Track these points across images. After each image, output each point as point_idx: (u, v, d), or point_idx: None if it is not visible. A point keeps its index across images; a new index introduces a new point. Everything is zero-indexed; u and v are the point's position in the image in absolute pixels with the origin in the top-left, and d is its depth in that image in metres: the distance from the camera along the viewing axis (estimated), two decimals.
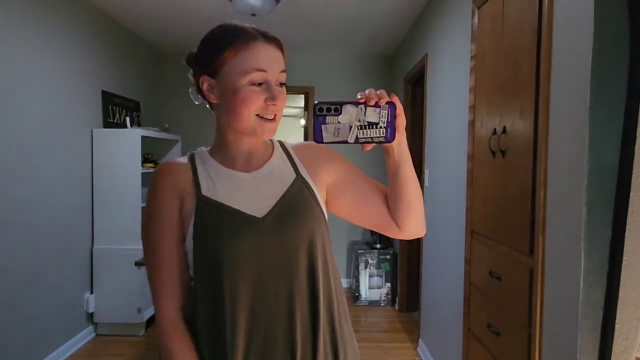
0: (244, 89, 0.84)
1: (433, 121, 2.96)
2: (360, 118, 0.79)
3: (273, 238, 0.86)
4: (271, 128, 0.87)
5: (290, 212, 0.88)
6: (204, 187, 0.88)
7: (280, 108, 0.88)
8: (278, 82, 0.87)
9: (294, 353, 0.84)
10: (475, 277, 2.04)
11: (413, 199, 0.91)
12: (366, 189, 0.97)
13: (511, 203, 1.63)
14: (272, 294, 0.85)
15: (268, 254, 0.85)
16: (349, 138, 0.79)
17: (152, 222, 0.89)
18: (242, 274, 0.84)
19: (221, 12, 3.31)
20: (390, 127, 0.81)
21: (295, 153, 0.99)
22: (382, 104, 0.79)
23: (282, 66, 0.88)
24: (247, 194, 0.89)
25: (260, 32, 0.88)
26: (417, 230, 0.97)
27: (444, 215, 2.64)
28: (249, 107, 0.84)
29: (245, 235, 0.84)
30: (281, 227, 0.87)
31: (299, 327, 0.85)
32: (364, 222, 0.99)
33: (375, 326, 3.74)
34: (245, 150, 0.93)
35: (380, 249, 4.25)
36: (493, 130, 1.83)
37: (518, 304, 1.57)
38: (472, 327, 2.08)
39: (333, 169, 0.97)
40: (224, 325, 0.83)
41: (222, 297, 0.83)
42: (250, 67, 0.84)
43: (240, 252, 0.84)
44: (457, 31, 2.42)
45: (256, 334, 0.84)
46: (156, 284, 0.88)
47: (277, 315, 0.84)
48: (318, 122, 0.79)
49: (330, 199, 0.98)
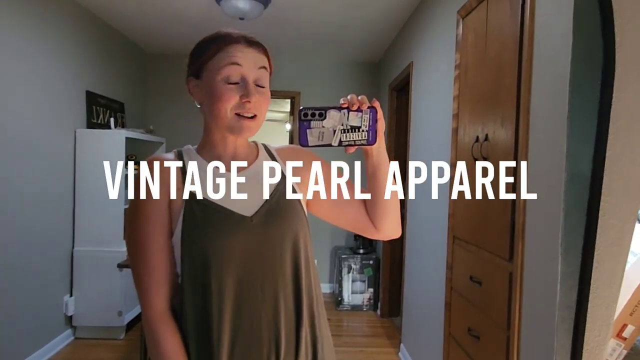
0: (220, 85, 0.87)
1: (417, 128, 3.00)
2: (343, 122, 0.83)
3: (260, 237, 0.88)
4: (250, 126, 0.89)
5: (276, 212, 0.91)
6: (192, 184, 0.90)
7: (258, 107, 0.90)
8: (257, 82, 0.90)
9: (279, 347, 0.86)
10: (456, 282, 2.08)
11: (391, 200, 0.96)
12: (344, 191, 1.01)
13: (492, 209, 1.67)
14: (258, 290, 0.87)
15: (255, 252, 0.88)
16: (333, 141, 0.83)
17: (140, 214, 0.89)
18: (229, 271, 0.85)
19: (209, 15, 3.32)
20: (372, 130, 0.85)
21: (279, 155, 1.02)
22: (364, 109, 0.84)
23: (260, 64, 0.90)
24: (234, 192, 0.91)
25: (243, 36, 0.91)
26: (392, 230, 1.01)
27: (427, 221, 2.68)
28: (224, 104, 0.87)
29: (234, 234, 0.87)
30: (269, 226, 0.89)
31: (283, 322, 0.88)
32: (342, 223, 1.03)
33: (357, 331, 3.76)
34: (230, 150, 0.96)
35: (364, 254, 4.28)
36: (476, 137, 1.87)
37: (497, 307, 1.61)
38: (453, 332, 2.11)
39: (312, 171, 1.01)
40: (211, 320, 0.84)
41: (210, 293, 0.85)
42: (225, 63, 0.87)
43: (228, 250, 0.86)
44: (442, 40, 2.47)
45: (241, 329, 0.86)
46: (144, 275, 0.88)
47: (262, 311, 0.87)
48: (303, 126, 0.83)
49: (311, 200, 1.02)
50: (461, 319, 2.00)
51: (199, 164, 0.93)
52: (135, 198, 0.90)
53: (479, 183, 1.80)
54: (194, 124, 4.57)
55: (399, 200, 0.98)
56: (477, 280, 1.80)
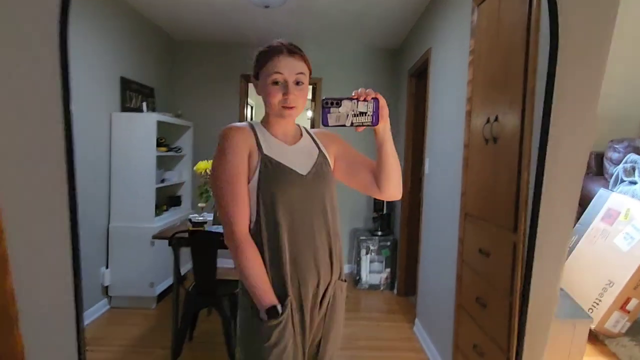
0: (269, 87, 1.25)
1: (434, 113, 3.11)
2: (354, 109, 1.18)
3: (310, 188, 1.29)
4: (291, 114, 1.28)
5: (319, 174, 1.33)
6: (264, 148, 1.28)
7: (297, 100, 1.26)
8: (295, 82, 1.25)
9: (317, 255, 1.29)
10: (466, 256, 2.21)
11: (392, 168, 1.31)
12: (357, 162, 1.41)
13: (500, 185, 1.80)
14: (307, 222, 1.28)
15: (306, 197, 1.29)
16: (347, 122, 1.19)
17: (228, 164, 1.24)
18: (290, 209, 1.25)
19: (235, 3, 3.46)
20: (375, 115, 1.19)
21: (316, 136, 1.43)
22: (369, 99, 1.19)
23: (298, 69, 1.26)
24: (292, 158, 1.30)
25: (287, 47, 1.27)
26: (393, 192, 1.37)
27: (442, 200, 2.80)
28: (272, 100, 1.25)
29: (295, 185, 1.27)
30: (316, 181, 1.31)
31: (318, 237, 1.30)
32: (354, 184, 1.41)
33: (374, 308, 3.92)
34: (281, 129, 1.34)
35: (381, 236, 4.42)
36: (487, 119, 1.99)
37: (502, 276, 1.74)
38: (463, 302, 2.25)
39: (337, 147, 1.43)
40: (279, 240, 1.25)
41: (277, 224, 1.24)
42: (271, 72, 1.24)
43: (290, 196, 1.25)
44: (459, 27, 2.57)
45: (297, 246, 1.27)
46: (233, 208, 1.24)
47: (309, 235, 1.28)
48: (325, 111, 1.18)
49: (334, 166, 1.41)
50: (470, 289, 2.14)
51: (266, 135, 1.32)
52: (224, 154, 1.25)
53: (489, 161, 1.92)
54: (219, 108, 4.75)
55: (399, 168, 1.34)
56: (485, 252, 1.94)
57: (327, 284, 1.33)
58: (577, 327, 1.70)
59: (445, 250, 2.65)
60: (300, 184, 1.28)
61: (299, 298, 1.28)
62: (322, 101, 1.17)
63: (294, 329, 1.28)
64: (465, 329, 2.21)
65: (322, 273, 1.30)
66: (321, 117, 1.18)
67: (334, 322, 1.37)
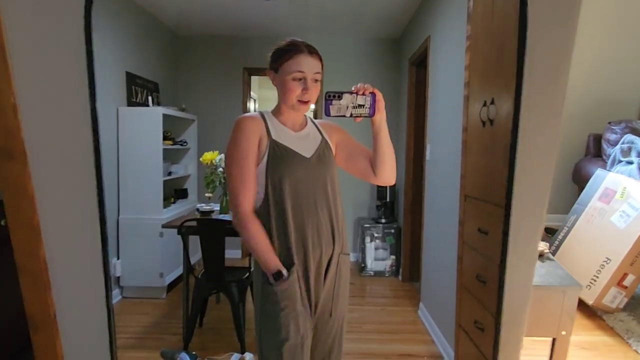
0: (289, 82, 1.39)
1: (434, 99, 3.17)
2: (353, 101, 1.32)
3: (314, 170, 1.44)
4: (305, 108, 1.43)
5: (322, 158, 1.48)
6: (273, 134, 1.43)
7: (312, 95, 1.41)
8: (313, 80, 1.40)
9: (320, 229, 1.43)
10: (467, 236, 2.28)
11: (386, 154, 1.46)
12: (356, 150, 1.57)
13: (496, 165, 1.86)
14: (311, 201, 1.43)
15: (311, 178, 1.43)
16: (347, 113, 1.34)
17: (239, 148, 1.40)
18: (296, 189, 1.40)
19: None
20: (372, 107, 1.34)
21: (320, 125, 1.58)
22: (367, 93, 1.33)
23: (316, 69, 1.41)
24: (298, 144, 1.45)
25: (307, 46, 1.41)
26: (388, 176, 1.50)
27: (443, 185, 2.87)
28: (291, 94, 1.39)
29: (300, 166, 1.42)
30: (318, 164, 1.46)
31: (320, 213, 1.44)
32: (352, 169, 1.57)
33: (379, 294, 4.00)
34: (292, 118, 1.50)
35: (385, 224, 4.49)
36: (483, 102, 2.05)
37: (498, 251, 1.80)
38: (464, 282, 2.32)
39: (338, 136, 1.58)
40: (286, 217, 1.39)
41: (284, 202, 1.39)
42: (294, 69, 1.38)
43: (296, 176, 1.40)
44: (456, 13, 2.62)
45: (302, 224, 1.41)
46: (239, 188, 1.40)
47: (313, 212, 1.42)
48: (327, 103, 1.33)
49: (335, 153, 1.56)
50: (471, 268, 2.21)
51: (275, 123, 1.47)
52: (237, 139, 1.41)
53: (486, 143, 1.99)
54: (223, 101, 4.83)
55: (393, 155, 1.48)
56: (484, 231, 2.00)
57: (330, 256, 1.47)
58: (566, 293, 1.78)
59: (447, 234, 2.72)
60: (305, 165, 1.42)
61: (305, 267, 1.42)
62: (325, 94, 1.32)
63: (302, 293, 1.42)
64: (467, 307, 2.28)
65: (324, 245, 1.44)
66: (324, 108, 1.32)
67: (340, 293, 1.53)
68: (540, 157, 1.37)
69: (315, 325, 1.50)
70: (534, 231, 1.46)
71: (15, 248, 1.10)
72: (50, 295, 1.11)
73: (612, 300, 2.69)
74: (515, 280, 1.46)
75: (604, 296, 2.68)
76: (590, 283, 2.71)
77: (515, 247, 1.45)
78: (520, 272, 1.46)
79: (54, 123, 1.14)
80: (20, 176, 1.05)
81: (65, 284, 1.16)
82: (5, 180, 1.07)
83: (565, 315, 1.74)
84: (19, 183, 1.06)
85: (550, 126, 1.31)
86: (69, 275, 1.17)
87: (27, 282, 1.11)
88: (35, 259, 1.09)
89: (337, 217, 1.49)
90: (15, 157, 1.04)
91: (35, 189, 1.08)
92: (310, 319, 1.46)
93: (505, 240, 1.42)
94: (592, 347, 2.53)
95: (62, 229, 1.15)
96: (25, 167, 1.04)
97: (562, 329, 1.79)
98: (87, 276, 1.23)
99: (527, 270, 1.47)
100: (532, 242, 1.45)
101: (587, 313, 2.90)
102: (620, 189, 2.76)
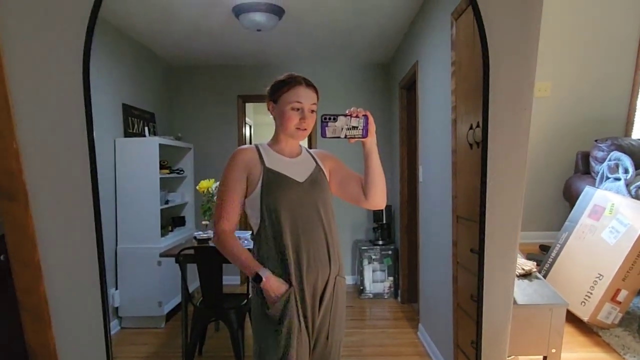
0: (288, 111, 1.51)
1: (425, 122, 3.24)
2: (347, 124, 1.41)
3: (307, 194, 1.53)
4: (303, 135, 1.56)
5: (315, 182, 1.57)
6: (267, 162, 1.53)
7: (309, 124, 1.53)
8: (310, 110, 1.52)
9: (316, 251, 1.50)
10: (460, 257, 2.31)
11: (377, 176, 1.54)
12: (348, 176, 1.66)
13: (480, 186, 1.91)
14: (305, 222, 1.50)
15: (304, 201, 1.51)
16: (341, 135, 1.43)
17: (226, 176, 1.52)
18: (290, 212, 1.48)
19: (229, 28, 3.61)
20: (365, 129, 1.44)
21: (314, 153, 1.69)
22: (360, 116, 1.43)
23: (313, 100, 1.54)
24: (291, 169, 1.54)
25: (304, 80, 1.54)
26: (378, 201, 1.59)
27: (436, 206, 2.91)
28: (290, 123, 1.51)
29: (294, 190, 1.51)
30: (312, 188, 1.55)
31: (316, 236, 1.52)
32: (345, 195, 1.66)
33: (379, 316, 4.00)
34: (289, 146, 1.60)
35: (383, 245, 4.51)
36: (470, 125, 2.11)
37: None
38: (460, 302, 2.34)
39: (331, 163, 1.68)
40: (282, 239, 1.47)
41: (280, 225, 1.47)
42: (292, 99, 1.50)
43: (289, 200, 1.49)
44: (441, 40, 2.71)
45: (298, 245, 1.48)
46: (221, 211, 1.51)
47: (308, 236, 1.49)
48: (323, 125, 1.43)
49: (329, 180, 1.65)
50: (466, 288, 2.23)
51: (270, 152, 1.57)
52: (227, 170, 1.52)
53: (474, 164, 2.04)
54: (218, 129, 4.88)
55: (383, 178, 1.56)
56: (475, 251, 2.04)
57: (327, 279, 1.54)
58: (554, 311, 1.80)
59: (442, 254, 2.74)
60: (298, 189, 1.52)
61: (301, 289, 1.49)
62: (321, 117, 1.43)
63: (299, 316, 1.48)
64: (463, 327, 2.30)
65: (321, 268, 1.52)
66: (320, 129, 1.42)
67: (337, 316, 1.58)
68: (510, 178, 1.47)
69: (312, 349, 1.52)
70: (509, 247, 1.54)
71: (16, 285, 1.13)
72: (50, 330, 1.14)
73: (607, 316, 2.70)
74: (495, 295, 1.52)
75: (598, 312, 2.69)
76: (585, 299, 2.73)
77: (492, 262, 1.53)
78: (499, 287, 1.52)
79: (53, 163, 1.19)
80: (21, 216, 1.09)
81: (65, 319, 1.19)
82: (6, 221, 1.12)
83: (554, 332, 1.76)
84: (20, 223, 1.10)
85: (519, 150, 1.40)
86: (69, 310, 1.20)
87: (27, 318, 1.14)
88: (36, 295, 1.13)
89: (332, 240, 1.56)
90: (16, 198, 1.09)
91: (35, 228, 1.12)
92: (307, 342, 1.48)
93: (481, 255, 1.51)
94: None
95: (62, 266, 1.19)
96: (27, 208, 1.09)
97: (552, 347, 1.81)
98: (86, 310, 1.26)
99: (505, 286, 1.55)
100: (508, 257, 1.53)
101: (583, 330, 2.90)
102: (609, 205, 2.81)
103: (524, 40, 1.30)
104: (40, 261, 1.17)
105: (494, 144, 1.39)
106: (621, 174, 3.05)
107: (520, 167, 1.38)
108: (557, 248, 3.13)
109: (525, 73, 1.35)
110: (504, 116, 1.37)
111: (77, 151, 1.21)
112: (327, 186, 1.61)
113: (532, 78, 1.37)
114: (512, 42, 1.33)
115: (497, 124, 1.39)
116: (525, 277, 2.21)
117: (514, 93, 1.35)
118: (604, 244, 2.72)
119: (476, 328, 1.50)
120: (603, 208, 2.83)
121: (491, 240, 1.49)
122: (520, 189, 1.39)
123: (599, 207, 2.89)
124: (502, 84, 1.38)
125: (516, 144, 1.38)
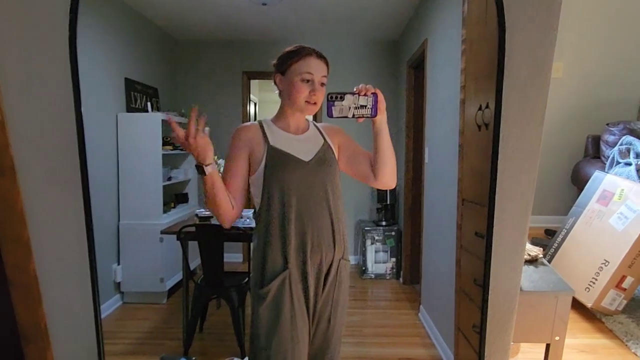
0: (298, 83, 1.40)
1: (432, 102, 3.17)
2: (355, 102, 1.33)
3: (312, 173, 1.44)
4: (312, 109, 1.44)
5: (322, 160, 1.48)
6: (271, 140, 1.44)
7: (319, 98, 1.42)
8: (320, 82, 1.42)
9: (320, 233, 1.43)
10: (464, 240, 2.28)
11: (387, 155, 1.46)
12: (357, 153, 1.57)
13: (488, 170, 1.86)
14: (310, 204, 1.42)
15: (309, 182, 1.43)
16: (349, 114, 1.34)
17: (229, 157, 1.45)
18: (294, 192, 1.40)
19: (234, 1, 3.53)
20: (374, 108, 1.34)
21: (322, 128, 1.59)
22: (369, 94, 1.33)
23: (323, 72, 1.44)
24: (297, 147, 1.46)
25: (315, 51, 1.44)
26: (388, 180, 1.50)
27: (441, 188, 2.87)
28: (300, 95, 1.40)
29: (299, 170, 1.42)
30: (318, 168, 1.46)
31: (321, 218, 1.44)
32: (354, 172, 1.56)
33: (380, 297, 4.00)
34: (295, 122, 1.51)
35: (386, 226, 4.49)
36: (479, 106, 2.05)
37: None
38: (463, 285, 2.32)
39: (340, 139, 1.58)
40: (286, 219, 1.40)
41: (284, 205, 1.40)
42: (303, 70, 1.40)
43: (294, 180, 1.41)
44: (452, 17, 2.62)
45: (302, 225, 1.41)
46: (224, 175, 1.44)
47: (313, 216, 1.42)
48: (329, 104, 1.34)
49: (337, 156, 1.55)
50: (469, 272, 2.20)
51: (274, 129, 1.49)
52: (230, 146, 1.45)
53: (481, 146, 1.99)
54: (222, 105, 4.84)
55: (394, 157, 1.48)
56: (480, 235, 2.00)
57: (331, 261, 1.47)
58: (559, 298, 1.77)
59: (446, 237, 2.72)
60: (303, 169, 1.43)
61: (303, 272, 1.43)
62: (327, 95, 1.33)
63: (293, 298, 1.42)
64: (465, 311, 2.28)
65: (325, 250, 1.45)
66: (326, 109, 1.33)
67: (339, 299, 1.53)
68: (523, 161, 1.39)
69: (313, 332, 1.50)
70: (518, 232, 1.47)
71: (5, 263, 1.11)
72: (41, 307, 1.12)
73: (611, 302, 2.68)
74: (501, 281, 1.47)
75: (602, 299, 2.67)
76: (589, 285, 2.70)
77: (500, 247, 1.46)
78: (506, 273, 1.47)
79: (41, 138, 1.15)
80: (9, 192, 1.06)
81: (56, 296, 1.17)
82: None
83: (558, 320, 1.74)
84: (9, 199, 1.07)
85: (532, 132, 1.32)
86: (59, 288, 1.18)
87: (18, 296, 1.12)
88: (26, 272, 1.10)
89: (339, 222, 1.48)
90: (4, 174, 1.05)
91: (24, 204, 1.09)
92: (308, 324, 1.46)
93: (489, 239, 1.43)
94: (591, 350, 2.52)
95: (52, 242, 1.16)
96: (15, 183, 1.05)
97: (556, 335, 1.78)
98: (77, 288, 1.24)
99: (513, 272, 1.48)
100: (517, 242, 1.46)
101: (587, 316, 2.88)
102: (618, 191, 2.75)
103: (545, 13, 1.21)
104: (30, 237, 1.14)
105: (506, 125, 1.31)
106: (632, 158, 2.98)
107: (534, 152, 1.31)
108: (563, 233, 3.09)
109: (543, 51, 1.26)
110: (518, 96, 1.29)
111: (66, 125, 1.17)
112: (336, 165, 1.52)
113: (550, 55, 1.29)
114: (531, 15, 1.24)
115: (510, 105, 1.31)
116: (531, 263, 2.18)
117: (531, 72, 1.27)
118: (611, 230, 2.68)
119: (480, 313, 1.46)
120: (612, 193, 2.78)
121: (500, 225, 1.42)
122: (532, 173, 1.32)
123: (608, 192, 2.83)
124: (517, 61, 1.29)
125: (530, 126, 1.30)
